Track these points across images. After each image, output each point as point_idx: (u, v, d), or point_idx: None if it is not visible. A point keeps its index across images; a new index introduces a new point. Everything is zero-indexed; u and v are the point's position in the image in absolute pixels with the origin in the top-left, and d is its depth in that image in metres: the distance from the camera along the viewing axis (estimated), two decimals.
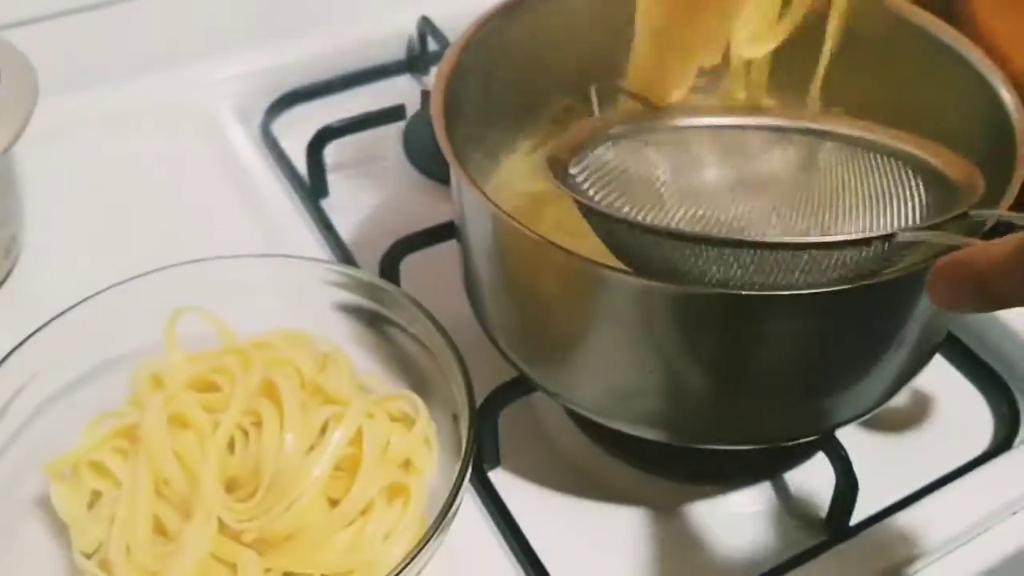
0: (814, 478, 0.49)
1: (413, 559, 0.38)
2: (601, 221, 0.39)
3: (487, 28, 0.49)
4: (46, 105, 0.58)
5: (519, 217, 0.40)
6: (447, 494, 0.40)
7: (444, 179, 0.65)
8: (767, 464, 0.50)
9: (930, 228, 0.37)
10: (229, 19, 0.72)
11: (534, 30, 0.51)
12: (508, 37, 0.50)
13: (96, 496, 0.43)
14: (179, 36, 0.71)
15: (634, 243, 0.38)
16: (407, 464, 0.43)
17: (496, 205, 0.41)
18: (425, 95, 0.67)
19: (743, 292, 0.38)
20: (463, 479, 0.40)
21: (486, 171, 0.52)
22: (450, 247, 0.54)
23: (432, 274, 0.54)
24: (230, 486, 0.42)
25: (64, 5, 0.66)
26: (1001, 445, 0.50)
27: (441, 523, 0.38)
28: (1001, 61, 0.45)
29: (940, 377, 0.53)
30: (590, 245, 0.39)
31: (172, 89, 0.68)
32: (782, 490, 0.49)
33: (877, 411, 0.45)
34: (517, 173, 0.53)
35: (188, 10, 0.71)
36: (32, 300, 0.51)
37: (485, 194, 0.41)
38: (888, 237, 0.36)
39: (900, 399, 0.52)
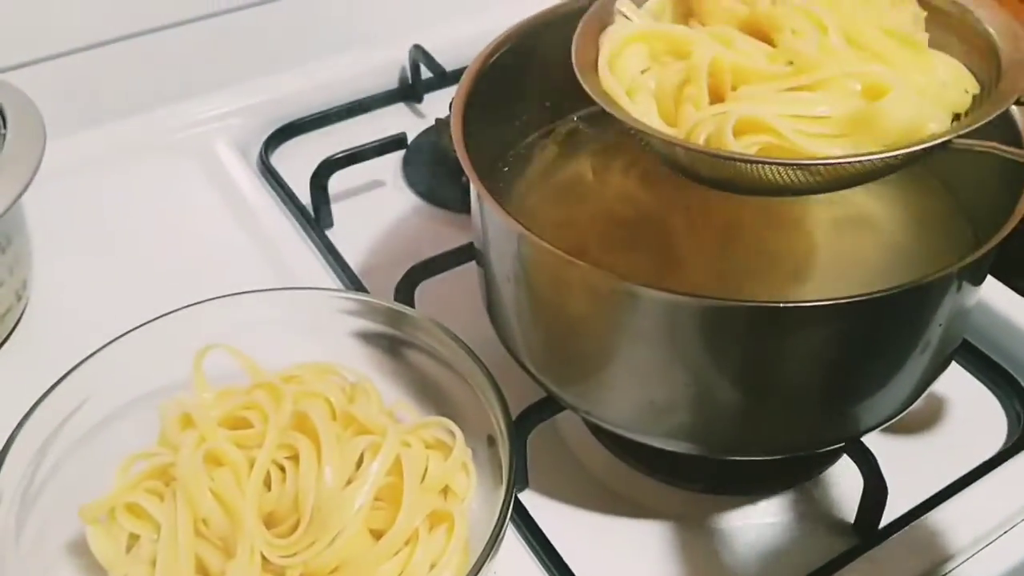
0: (838, 484, 0.50)
1: None
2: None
3: (496, 54, 0.50)
4: (48, 145, 0.57)
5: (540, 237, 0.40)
6: (490, 518, 0.40)
7: (445, 204, 0.65)
8: (791, 472, 0.50)
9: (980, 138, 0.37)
10: (222, 54, 0.72)
11: (538, 56, 0.52)
12: (514, 63, 0.51)
13: (134, 539, 0.42)
14: (171, 73, 0.71)
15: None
16: (446, 490, 0.43)
17: (523, 225, 0.41)
18: (440, 123, 0.68)
19: (771, 304, 0.39)
20: (509, 502, 0.40)
21: (501, 195, 0.53)
22: (462, 271, 0.55)
23: (446, 299, 0.55)
24: (269, 522, 0.41)
25: (60, 47, 0.66)
26: (1016, 445, 0.51)
27: (492, 549, 0.38)
28: None
29: (954, 380, 0.54)
30: (605, 262, 0.40)
31: (170, 126, 0.69)
32: (808, 497, 0.50)
33: (902, 415, 0.46)
34: (531, 196, 0.53)
35: (178, 48, 0.71)
36: (45, 344, 0.50)
37: (511, 215, 0.42)
38: (944, 144, 0.37)
39: (917, 403, 0.53)
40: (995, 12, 0.43)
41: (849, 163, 0.38)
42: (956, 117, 0.41)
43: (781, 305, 0.39)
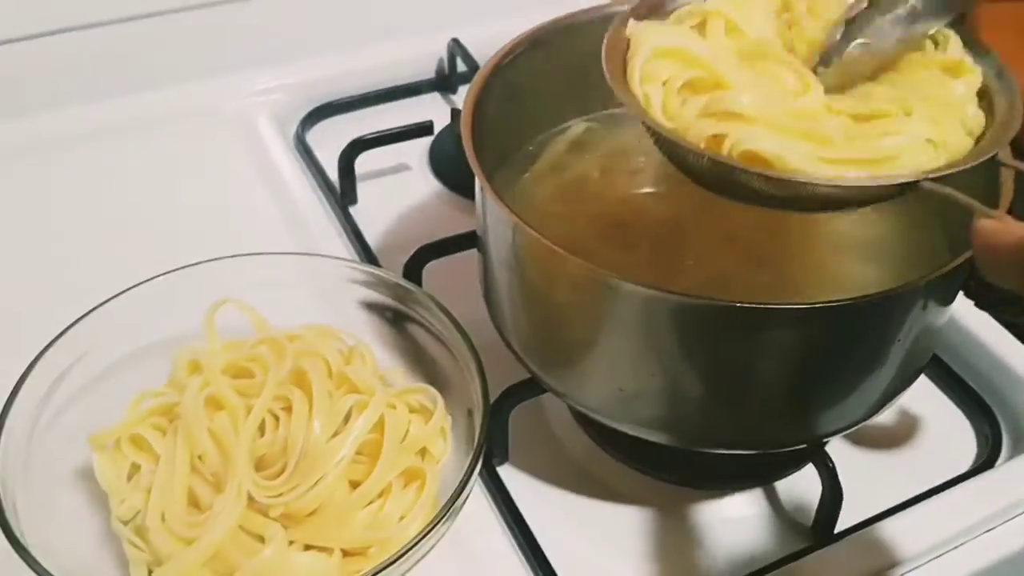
0: (804, 487, 0.52)
1: (424, 537, 0.41)
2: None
3: (514, 55, 0.52)
4: (102, 105, 0.62)
5: (540, 230, 0.43)
6: (459, 481, 0.43)
7: (465, 192, 0.68)
8: (760, 472, 0.53)
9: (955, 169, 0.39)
10: (269, 34, 0.75)
11: (556, 58, 0.55)
12: (533, 64, 0.54)
13: (135, 468, 0.46)
14: (222, 48, 0.74)
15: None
16: (423, 452, 0.46)
17: (517, 215, 0.44)
18: (455, 113, 0.71)
19: (741, 304, 0.41)
20: (475, 468, 0.43)
21: (507, 187, 0.56)
22: (470, 256, 0.58)
23: (452, 279, 0.58)
24: (259, 465, 0.45)
25: (117, 13, 0.70)
26: (983, 465, 0.53)
27: (452, 507, 0.41)
28: None
29: (927, 399, 0.56)
30: (599, 259, 0.43)
31: (215, 97, 0.73)
32: (773, 497, 0.52)
33: (862, 425, 0.48)
34: (536, 190, 0.56)
35: (232, 24, 0.75)
36: (84, 285, 0.54)
37: (507, 206, 0.45)
38: (912, 184, 0.39)
39: (888, 418, 0.55)
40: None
41: (825, 185, 0.40)
42: None
43: (746, 305, 0.41)
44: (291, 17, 0.76)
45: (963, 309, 0.58)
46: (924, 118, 0.42)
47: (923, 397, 0.56)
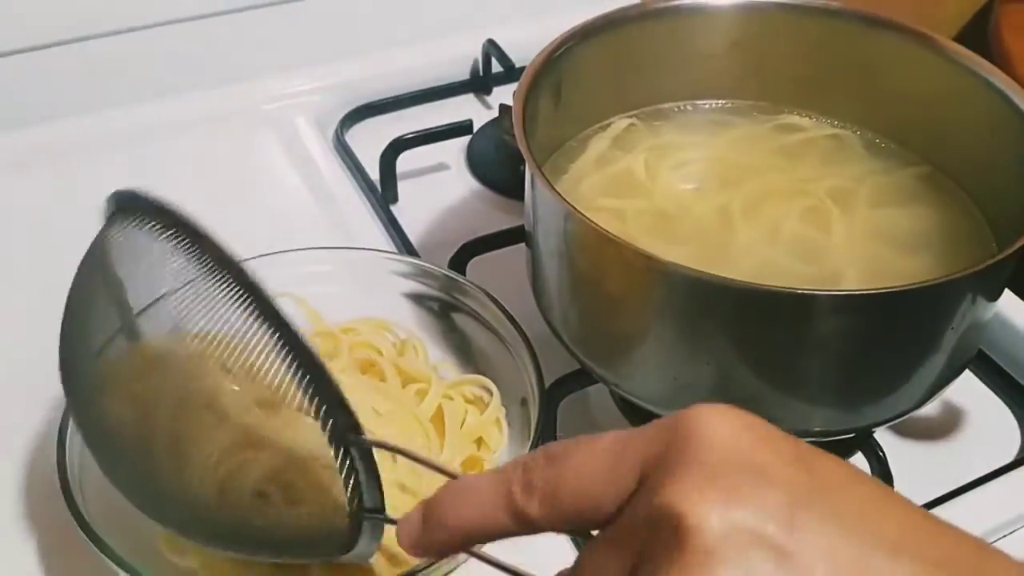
0: None
1: None
2: None
3: (564, 48, 0.53)
4: (143, 107, 0.62)
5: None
6: None
7: (503, 190, 0.69)
8: None
9: None
10: (308, 37, 0.77)
11: (602, 54, 0.56)
12: (580, 59, 0.54)
13: None
14: (262, 50, 0.76)
15: None
16: (479, 442, 0.47)
17: (570, 203, 0.45)
18: (503, 108, 0.72)
19: (798, 291, 0.42)
20: None
21: (552, 180, 0.56)
22: (512, 252, 0.59)
23: (495, 275, 0.58)
24: None
25: (159, 16, 0.72)
26: None
27: None
28: (1020, 81, 0.49)
29: (971, 392, 0.56)
30: (659, 253, 0.43)
31: (257, 98, 0.74)
32: None
33: (909, 416, 0.48)
34: (581, 185, 0.57)
35: (271, 27, 0.76)
36: None
37: (560, 193, 0.45)
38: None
39: (932, 410, 0.56)
40: None
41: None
42: None
43: (803, 292, 0.42)
44: (329, 20, 0.77)
45: (1007, 303, 0.58)
46: None
47: (965, 389, 0.57)
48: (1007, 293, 0.50)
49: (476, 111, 0.76)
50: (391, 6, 0.78)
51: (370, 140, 0.71)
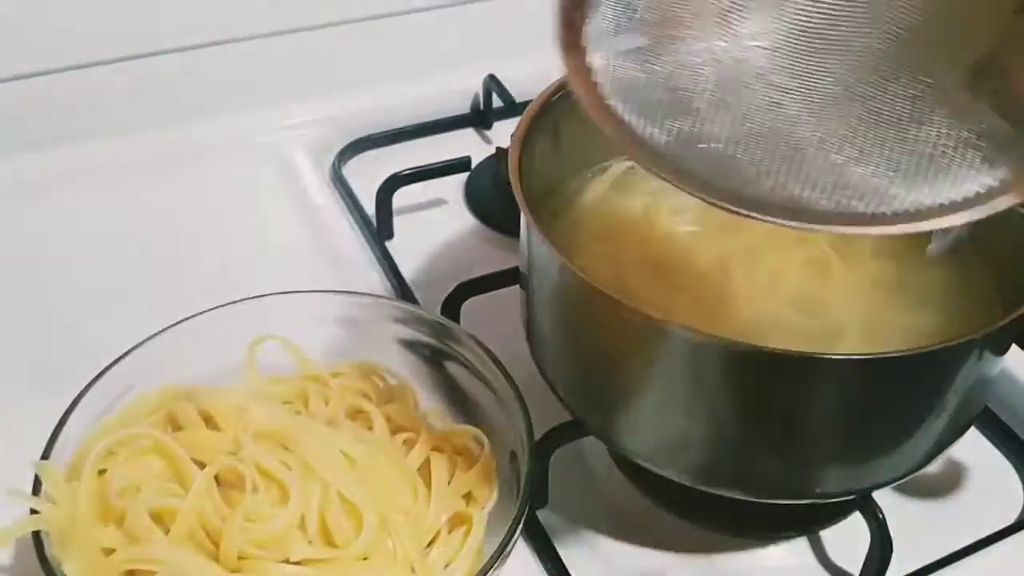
0: (849, 537, 0.51)
1: None
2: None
3: (561, 92, 0.52)
4: (136, 137, 0.61)
5: (584, 269, 0.43)
6: (504, 528, 0.42)
7: (501, 227, 0.68)
8: (805, 520, 0.52)
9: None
10: (306, 69, 0.76)
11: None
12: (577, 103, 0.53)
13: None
14: (259, 82, 0.75)
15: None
16: (468, 496, 0.46)
17: (563, 258, 0.44)
18: (499, 151, 0.71)
19: (796, 353, 0.40)
20: (522, 515, 0.42)
21: (549, 224, 0.55)
22: (509, 293, 0.57)
23: (490, 317, 0.57)
24: None
25: (155, 46, 0.71)
26: None
27: (500, 556, 0.40)
28: None
29: (974, 448, 0.55)
30: (644, 301, 0.42)
31: (253, 130, 0.73)
32: (818, 547, 0.51)
33: (913, 477, 0.47)
34: (578, 229, 0.56)
35: (268, 58, 0.75)
36: (122, 320, 0.54)
37: (554, 247, 0.44)
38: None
39: (934, 466, 0.54)
40: None
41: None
42: None
43: (801, 355, 0.40)
44: (328, 52, 0.76)
45: (1012, 359, 0.57)
46: None
47: (968, 446, 0.55)
48: (1013, 348, 0.49)
49: (476, 145, 0.75)
50: (392, 39, 0.77)
51: (369, 173, 0.70)
